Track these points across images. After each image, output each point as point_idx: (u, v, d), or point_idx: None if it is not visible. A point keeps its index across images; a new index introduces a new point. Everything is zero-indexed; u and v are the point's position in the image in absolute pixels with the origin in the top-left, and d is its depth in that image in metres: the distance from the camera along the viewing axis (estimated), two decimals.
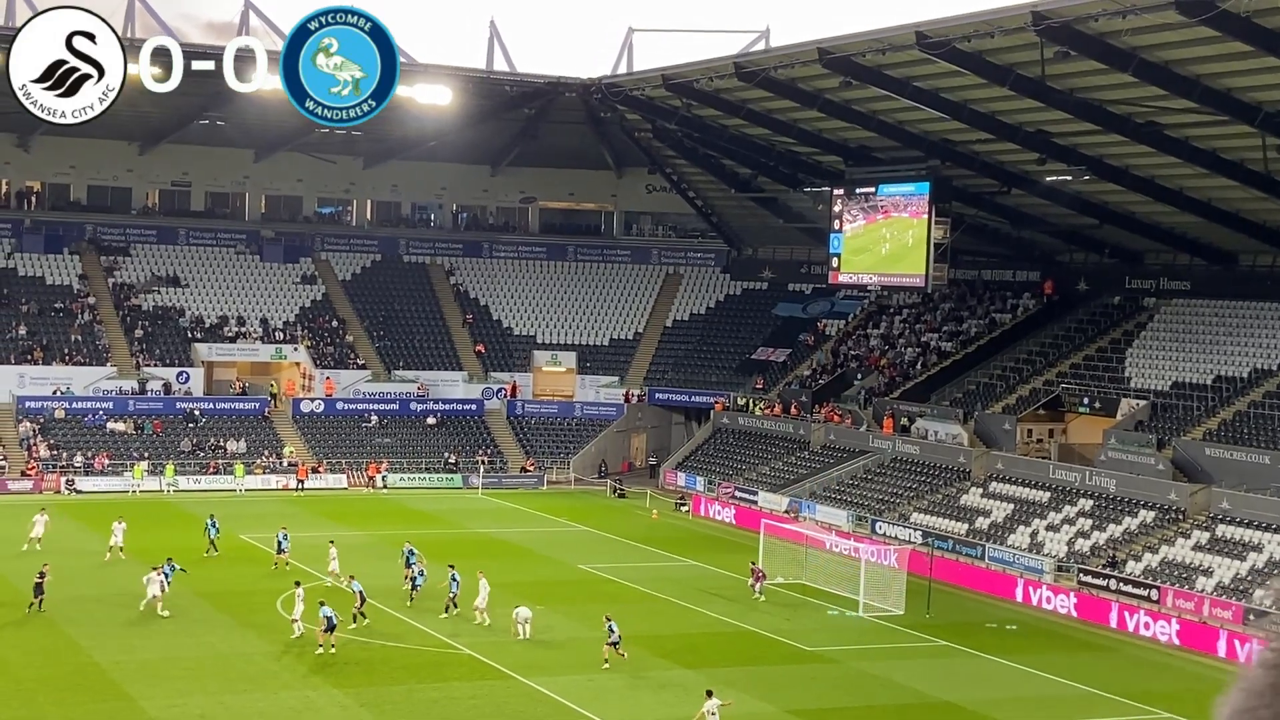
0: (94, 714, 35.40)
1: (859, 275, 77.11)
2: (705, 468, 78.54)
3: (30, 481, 71.20)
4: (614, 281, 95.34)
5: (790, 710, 38.47)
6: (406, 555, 50.94)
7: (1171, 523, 56.83)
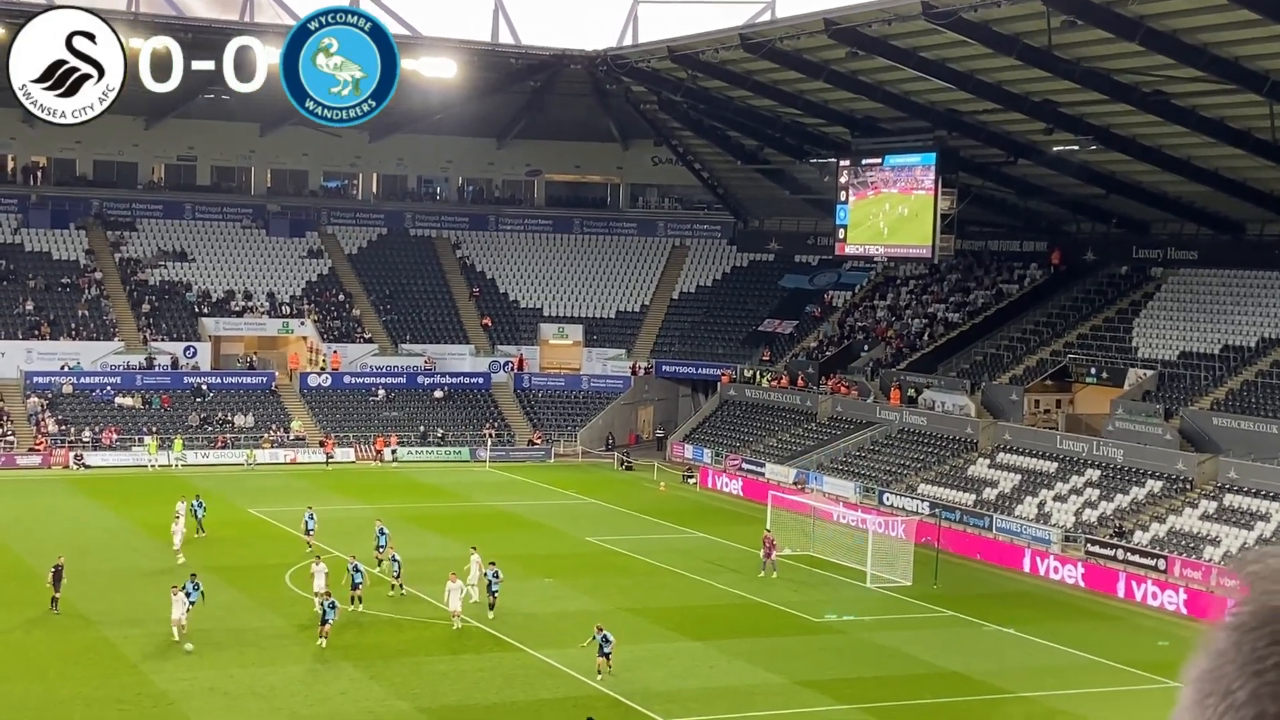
0: (104, 688, 35.54)
1: (865, 246, 77.00)
2: (712, 440, 78.59)
3: (39, 457, 71.34)
4: (620, 254, 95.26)
5: (798, 681, 38.57)
6: (377, 535, 49.49)
7: (1179, 492, 56.85)
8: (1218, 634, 1.38)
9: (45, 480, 67.55)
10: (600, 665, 37.13)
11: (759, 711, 35.81)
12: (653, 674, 38.66)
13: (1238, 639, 1.34)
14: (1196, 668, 1.38)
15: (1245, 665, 1.29)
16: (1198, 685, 1.36)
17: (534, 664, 39.08)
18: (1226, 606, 1.42)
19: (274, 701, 35.22)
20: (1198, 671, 1.37)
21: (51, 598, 42.15)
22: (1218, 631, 1.38)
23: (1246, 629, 1.35)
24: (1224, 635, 1.36)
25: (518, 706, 35.41)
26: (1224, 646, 1.35)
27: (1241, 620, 1.36)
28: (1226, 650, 1.34)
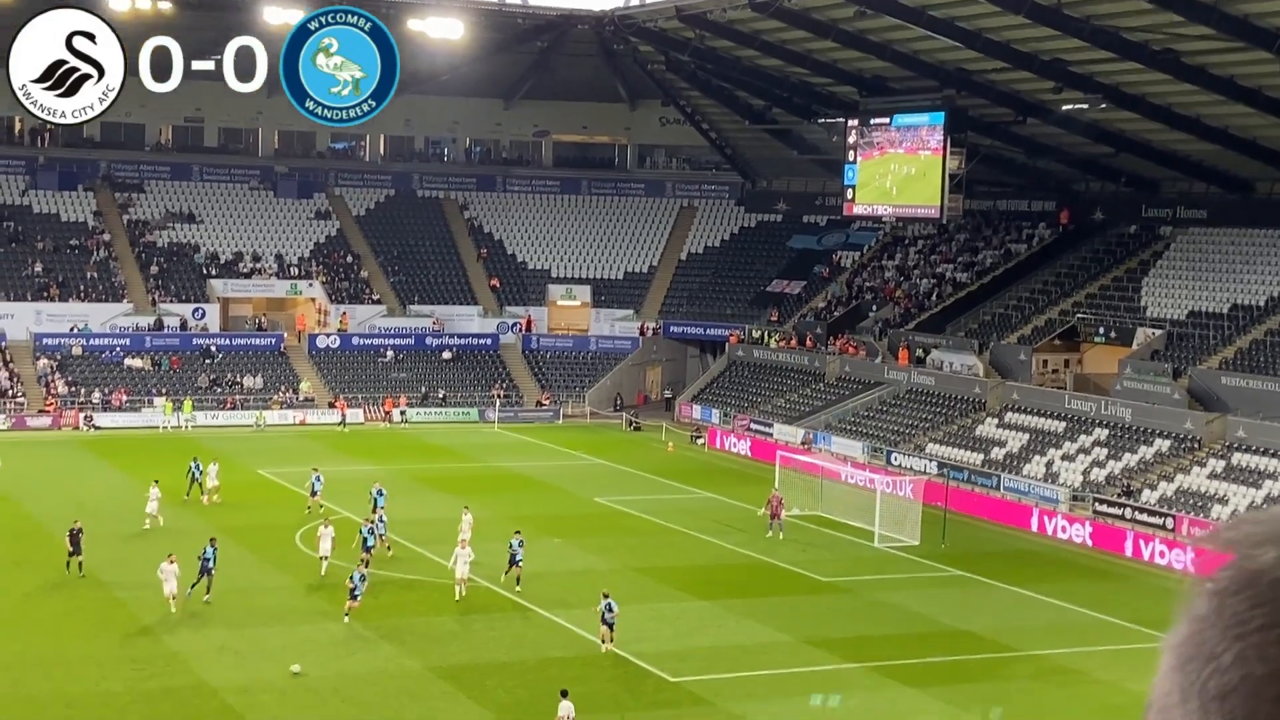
0: (117, 648, 35.76)
1: (874, 207, 76.86)
2: (720, 400, 78.67)
3: (49, 418, 71.57)
4: (628, 215, 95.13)
5: (807, 640, 38.72)
6: (375, 497, 49.03)
7: (1187, 451, 56.88)
8: (1197, 600, 1.37)
9: (56, 441, 67.78)
10: (603, 635, 36.54)
11: (767, 670, 35.98)
12: (661, 633, 38.82)
13: (1219, 604, 1.32)
14: (1176, 634, 1.38)
15: (1229, 629, 1.28)
16: (1179, 651, 1.34)
17: (543, 623, 39.25)
18: (1203, 573, 1.41)
19: (284, 661, 35.41)
20: (1178, 638, 1.36)
21: (67, 561, 42.07)
22: (1197, 598, 1.38)
23: (1228, 593, 1.34)
24: (1204, 601, 1.36)
25: (526, 665, 35.60)
26: (1205, 612, 1.34)
27: (1222, 585, 1.35)
28: (1208, 615, 1.33)
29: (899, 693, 34.57)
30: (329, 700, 32.71)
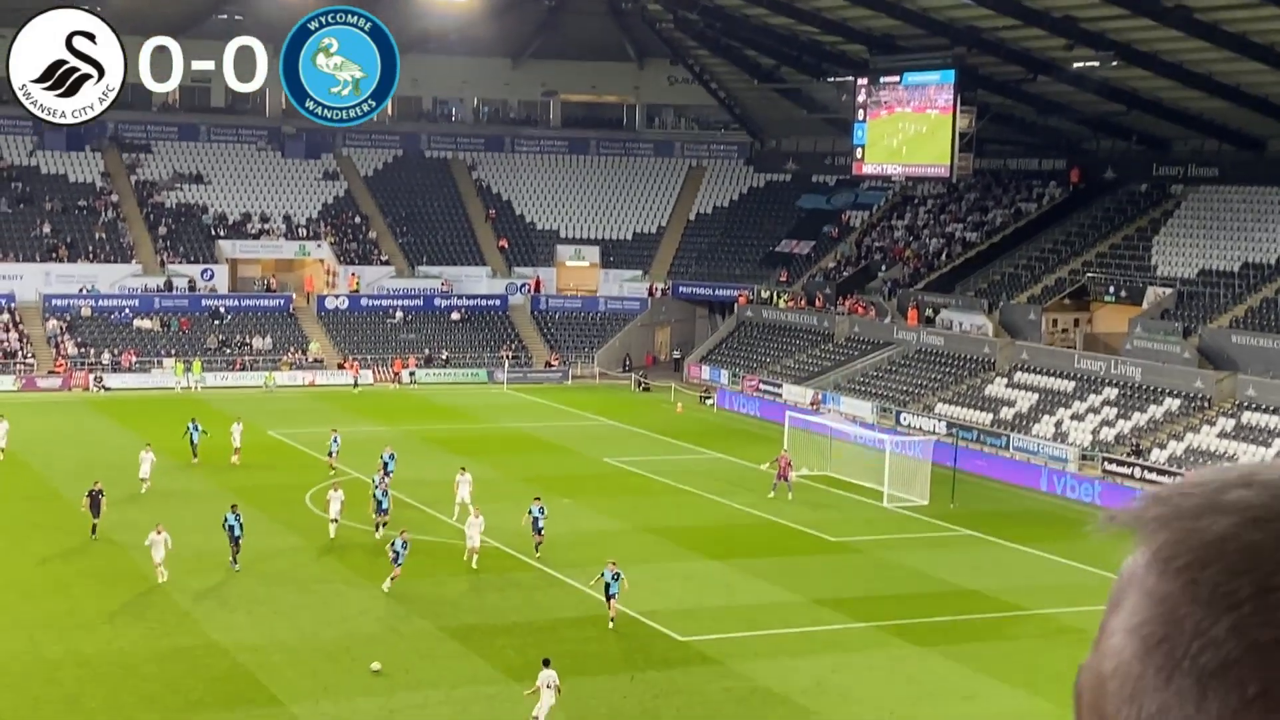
0: (129, 606, 35.89)
1: (883, 166, 76.64)
2: (729, 361, 78.64)
3: (59, 379, 71.69)
4: (637, 175, 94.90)
5: (816, 600, 38.80)
6: (385, 460, 48.50)
7: (1197, 410, 56.82)
8: (1150, 579, 1.30)
9: (66, 402, 67.92)
10: (610, 607, 35.37)
11: (777, 630, 36.07)
12: (670, 593, 38.90)
13: (1189, 579, 1.26)
14: (1132, 617, 1.30)
15: (1213, 602, 1.22)
16: (1143, 633, 1.28)
17: (553, 584, 39.33)
18: (1147, 552, 1.34)
19: (296, 620, 35.56)
20: (1136, 620, 1.29)
21: (92, 524, 41.97)
22: (1149, 576, 1.31)
23: (1196, 567, 1.27)
24: (1165, 579, 1.29)
25: (536, 625, 35.70)
26: (1170, 589, 1.28)
27: (1184, 560, 1.28)
28: (1175, 592, 1.27)
29: (907, 652, 34.64)
30: (339, 659, 32.83)
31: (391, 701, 30.44)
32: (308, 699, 30.46)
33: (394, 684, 31.43)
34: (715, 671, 32.87)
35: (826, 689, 32.18)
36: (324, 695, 30.70)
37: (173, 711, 29.47)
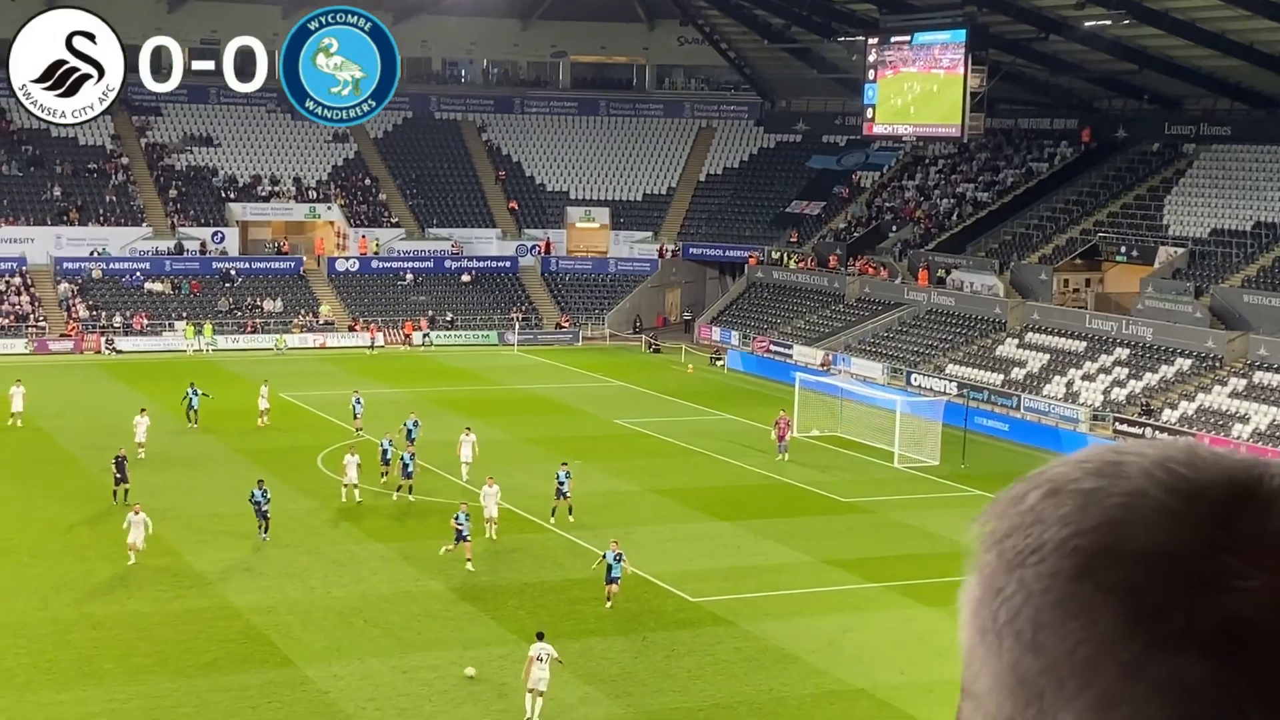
0: (140, 568, 36.03)
1: (894, 126, 76.37)
2: (740, 322, 78.61)
3: (70, 342, 71.84)
4: (646, 136, 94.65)
5: (826, 560, 38.89)
6: (409, 428, 47.96)
7: (1208, 370, 56.75)
8: (980, 559, 1.40)
9: (77, 365, 68.08)
10: (609, 592, 34.04)
11: (788, 590, 36.17)
12: (681, 553, 39.01)
13: (998, 550, 1.38)
14: (965, 592, 1.40)
15: (1009, 565, 1.35)
16: (969, 601, 1.40)
17: (563, 544, 39.45)
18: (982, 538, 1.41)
19: (308, 581, 35.72)
20: (966, 594, 1.40)
21: (114, 489, 41.84)
22: (980, 555, 1.40)
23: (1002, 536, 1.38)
24: (986, 554, 1.39)
25: (548, 585, 35.83)
26: (986, 560, 1.38)
27: (996, 535, 1.38)
28: (989, 563, 1.38)
29: (918, 612, 34.73)
30: (352, 621, 32.99)
31: (403, 662, 30.60)
32: (320, 660, 30.62)
33: (406, 645, 31.59)
34: (726, 632, 32.99)
35: (837, 649, 32.30)
36: (336, 656, 30.87)
37: (186, 673, 29.64)
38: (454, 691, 29.17)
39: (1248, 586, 1.26)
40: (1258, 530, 1.29)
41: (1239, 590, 1.26)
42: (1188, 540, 1.28)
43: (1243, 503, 1.30)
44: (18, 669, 29.68)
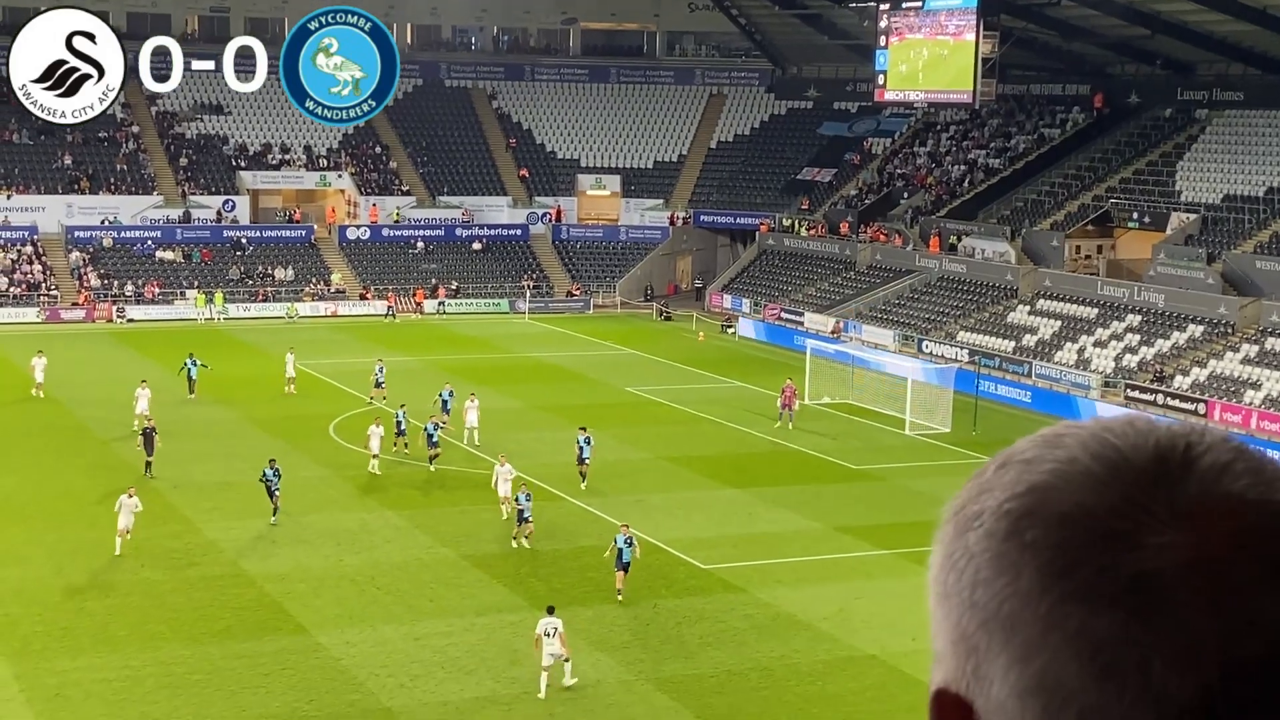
0: (156, 535, 36.16)
1: (905, 92, 76.13)
2: (751, 289, 78.54)
3: (82, 311, 71.97)
4: (657, 103, 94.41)
5: (838, 528, 38.96)
6: (444, 398, 48.04)
7: (1220, 336, 56.64)
8: (942, 529, 1.49)
9: (89, 334, 68.20)
10: (619, 580, 32.72)
11: (797, 557, 36.24)
12: (692, 521, 39.09)
13: (954, 524, 1.48)
14: (933, 553, 1.48)
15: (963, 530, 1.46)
16: (934, 562, 1.49)
17: (575, 512, 39.54)
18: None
19: (321, 549, 35.85)
20: (932, 555, 1.48)
21: (145, 462, 41.64)
22: (942, 529, 1.49)
23: (952, 513, 1.50)
24: (945, 527, 1.49)
25: (560, 554, 35.92)
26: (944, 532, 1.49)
27: (952, 511, 1.49)
28: (945, 533, 1.49)
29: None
30: (365, 588, 33.11)
31: (416, 629, 30.73)
32: (333, 627, 30.76)
33: (418, 612, 31.71)
34: (738, 599, 33.08)
35: (849, 616, 32.38)
36: (349, 623, 31.00)
37: (200, 640, 29.79)
38: (466, 658, 29.30)
39: (1159, 543, 1.32)
40: (1174, 492, 1.35)
41: (1150, 546, 1.32)
42: (1107, 501, 1.35)
43: (1163, 467, 1.37)
44: (33, 636, 29.85)
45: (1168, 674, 1.30)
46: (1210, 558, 1.31)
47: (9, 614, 31.07)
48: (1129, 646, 1.31)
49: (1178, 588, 1.31)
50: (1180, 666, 1.29)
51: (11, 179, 78.73)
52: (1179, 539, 1.33)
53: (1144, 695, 1.30)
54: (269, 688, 27.62)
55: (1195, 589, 1.31)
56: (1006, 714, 1.37)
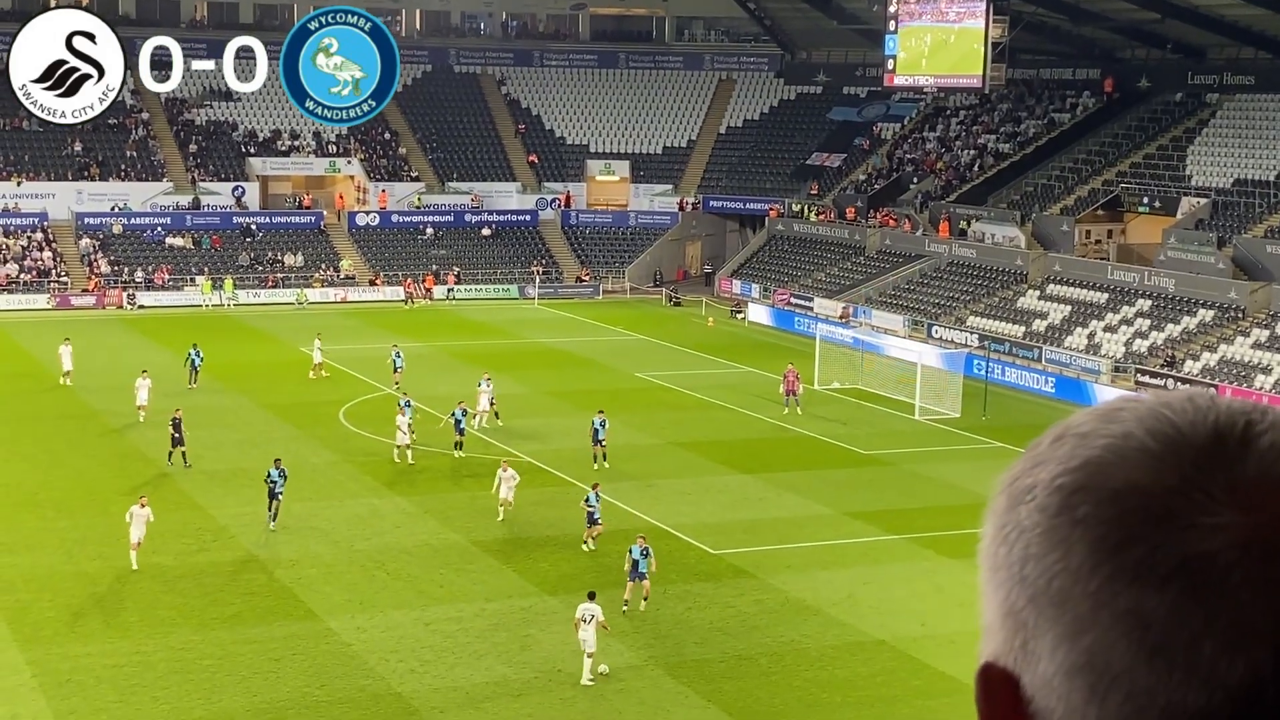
0: (165, 521, 36.22)
1: (915, 77, 75.95)
2: (760, 275, 78.49)
3: (93, 297, 72.08)
4: (666, 88, 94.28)
5: (848, 513, 38.96)
6: (484, 386, 47.70)
7: (1231, 321, 56.54)
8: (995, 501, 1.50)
9: (100, 320, 68.29)
10: (630, 591, 31.33)
11: (808, 542, 36.26)
12: (702, 506, 39.12)
13: (1005, 498, 1.48)
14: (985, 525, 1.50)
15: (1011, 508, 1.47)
16: (988, 530, 1.51)
17: (584, 497, 39.50)
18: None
19: (331, 535, 35.92)
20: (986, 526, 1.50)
21: (169, 451, 41.22)
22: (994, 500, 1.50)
23: (1004, 486, 1.50)
24: (997, 499, 1.50)
25: (570, 539, 35.95)
26: (996, 507, 1.50)
27: (1003, 485, 1.49)
28: (997, 508, 1.50)
29: (939, 563, 34.80)
30: (375, 574, 33.18)
31: (426, 615, 30.79)
32: (343, 613, 30.83)
33: (428, 597, 31.77)
34: (747, 584, 33.11)
35: (858, 601, 32.40)
36: (359, 609, 31.07)
37: (210, 625, 29.88)
38: (476, 644, 29.36)
39: (1213, 523, 1.31)
40: (1231, 472, 1.34)
41: (1203, 526, 1.31)
42: (1162, 479, 1.34)
43: (1221, 446, 1.35)
44: (44, 622, 29.95)
45: (1218, 655, 1.28)
46: (1265, 540, 1.30)
47: (21, 600, 31.17)
48: (1179, 626, 1.30)
49: (1231, 569, 1.29)
50: (1231, 648, 1.28)
51: (21, 166, 78.80)
52: (1234, 520, 1.31)
53: (1193, 675, 1.29)
54: (279, 673, 27.70)
55: (1249, 571, 1.29)
56: (1053, 690, 1.36)
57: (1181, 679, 1.29)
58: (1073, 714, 1.35)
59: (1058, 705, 1.36)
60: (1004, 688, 1.41)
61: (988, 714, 1.43)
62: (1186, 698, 1.29)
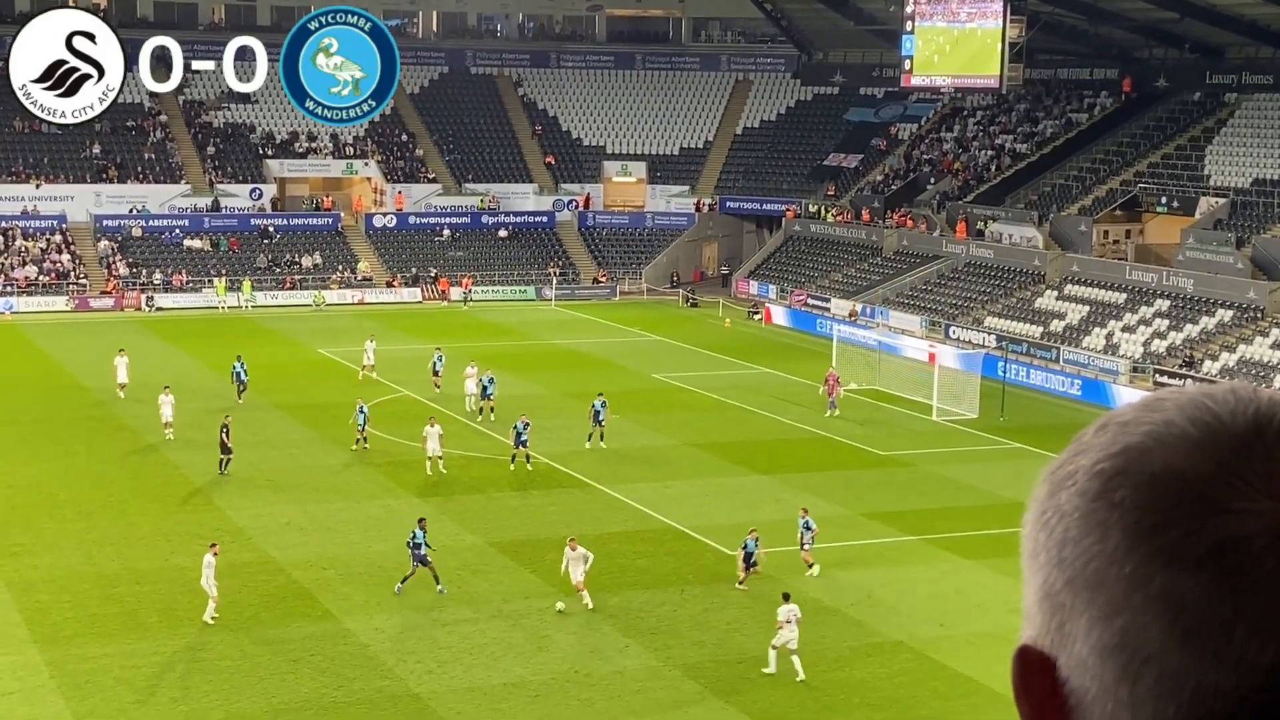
0: (183, 523, 36.36)
1: (932, 78, 75.85)
2: (777, 276, 78.43)
3: (111, 299, 72.27)
4: (683, 90, 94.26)
5: (865, 514, 38.90)
6: (485, 384, 48.26)
7: (1250, 321, 56.35)
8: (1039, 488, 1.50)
9: (119, 322, 68.45)
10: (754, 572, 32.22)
11: (825, 543, 36.16)
12: (720, 507, 39.08)
13: (1050, 482, 1.49)
14: (1027, 519, 1.50)
15: (1054, 492, 1.47)
16: (1029, 517, 1.51)
17: (601, 499, 39.57)
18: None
19: (348, 535, 35.96)
20: (1028, 519, 1.50)
21: (221, 459, 40.66)
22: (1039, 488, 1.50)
23: (1050, 472, 1.50)
24: (1041, 485, 1.50)
25: (585, 540, 35.75)
26: (1041, 491, 1.49)
27: (1050, 470, 1.49)
28: (1041, 490, 1.50)
29: (956, 564, 34.73)
30: (393, 575, 33.17)
31: (443, 616, 30.80)
32: (361, 613, 30.85)
33: (446, 598, 31.76)
34: (764, 584, 33.03)
35: (876, 601, 32.34)
36: (376, 610, 31.10)
37: (228, 626, 29.91)
38: (493, 645, 29.36)
39: (1249, 509, 1.33)
40: (1268, 461, 1.36)
41: (1239, 512, 1.33)
42: (1199, 465, 1.36)
43: (1260, 435, 1.38)
44: (63, 622, 30.02)
45: (1250, 639, 1.30)
46: None
47: (40, 601, 31.25)
48: (1212, 609, 1.31)
49: (1265, 554, 1.31)
50: (1264, 632, 1.30)
51: (40, 168, 79.05)
52: (1270, 506, 1.33)
53: (1224, 658, 1.31)
54: (297, 674, 27.73)
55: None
56: (1087, 671, 1.39)
57: (1212, 661, 1.31)
58: (1105, 694, 1.37)
59: (1091, 685, 1.38)
60: (1040, 669, 1.43)
61: (1023, 694, 1.44)
62: (1217, 680, 1.31)
